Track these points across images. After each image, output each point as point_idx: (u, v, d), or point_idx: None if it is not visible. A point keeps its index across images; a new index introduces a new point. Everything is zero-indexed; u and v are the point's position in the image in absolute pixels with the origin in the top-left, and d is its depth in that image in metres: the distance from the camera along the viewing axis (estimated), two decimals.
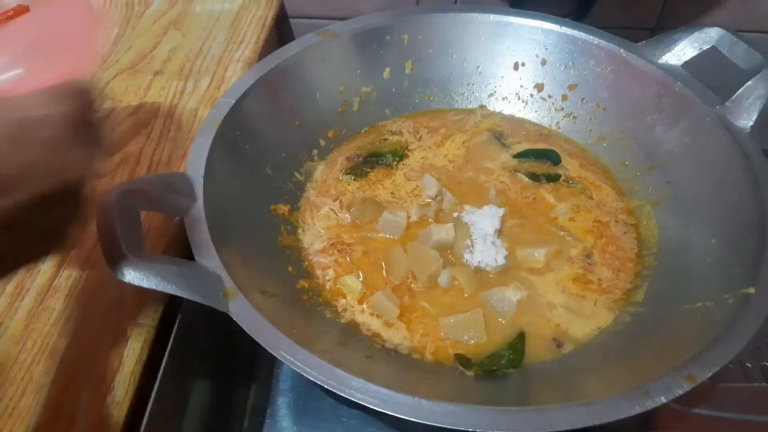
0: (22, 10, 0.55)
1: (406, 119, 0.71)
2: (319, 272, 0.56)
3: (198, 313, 0.49)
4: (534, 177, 0.64)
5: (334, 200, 0.62)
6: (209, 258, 0.44)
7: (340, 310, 0.53)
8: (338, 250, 0.57)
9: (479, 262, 0.55)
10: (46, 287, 0.48)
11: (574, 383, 0.46)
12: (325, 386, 0.38)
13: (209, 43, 0.73)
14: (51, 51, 0.39)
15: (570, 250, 0.57)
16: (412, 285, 0.54)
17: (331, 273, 0.55)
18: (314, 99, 0.65)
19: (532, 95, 0.70)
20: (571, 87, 0.68)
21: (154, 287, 0.41)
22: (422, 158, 0.66)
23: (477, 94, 0.72)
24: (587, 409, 0.37)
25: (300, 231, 0.59)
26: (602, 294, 0.54)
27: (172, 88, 0.67)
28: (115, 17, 0.77)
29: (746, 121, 0.56)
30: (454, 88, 0.72)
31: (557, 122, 0.70)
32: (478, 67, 0.71)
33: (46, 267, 0.49)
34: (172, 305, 0.49)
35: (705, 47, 0.61)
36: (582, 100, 0.68)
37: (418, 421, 0.37)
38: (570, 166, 0.66)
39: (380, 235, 0.58)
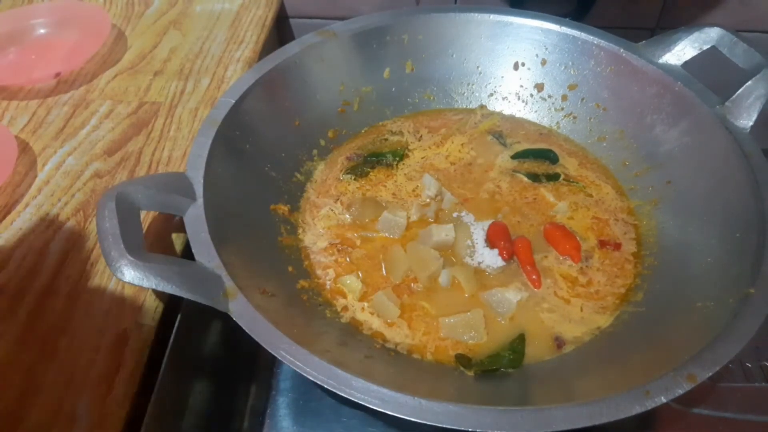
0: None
1: (406, 119, 0.71)
2: (319, 272, 0.56)
3: (198, 313, 0.49)
4: (534, 177, 0.64)
5: (335, 200, 0.62)
6: (209, 258, 0.44)
7: (340, 309, 0.53)
8: (338, 250, 0.57)
9: (480, 262, 0.55)
10: (46, 287, 0.48)
11: (574, 383, 0.46)
12: (325, 386, 0.38)
13: (209, 43, 0.73)
14: None
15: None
16: (413, 285, 0.54)
17: (331, 273, 0.55)
18: (314, 99, 0.65)
19: (532, 95, 0.70)
20: (571, 87, 0.68)
21: (154, 287, 0.41)
22: (422, 158, 0.66)
23: (477, 94, 0.72)
24: (587, 409, 0.37)
25: (300, 231, 0.59)
26: (590, 299, 0.54)
27: (172, 88, 0.67)
28: (115, 16, 0.77)
29: (746, 121, 0.56)
30: (454, 88, 0.72)
31: (557, 122, 0.70)
32: (478, 67, 0.71)
33: (46, 266, 0.49)
34: (172, 305, 0.49)
35: (705, 47, 0.61)
36: (582, 100, 0.68)
37: (419, 421, 0.37)
38: (569, 165, 0.66)
39: (380, 234, 0.58)
